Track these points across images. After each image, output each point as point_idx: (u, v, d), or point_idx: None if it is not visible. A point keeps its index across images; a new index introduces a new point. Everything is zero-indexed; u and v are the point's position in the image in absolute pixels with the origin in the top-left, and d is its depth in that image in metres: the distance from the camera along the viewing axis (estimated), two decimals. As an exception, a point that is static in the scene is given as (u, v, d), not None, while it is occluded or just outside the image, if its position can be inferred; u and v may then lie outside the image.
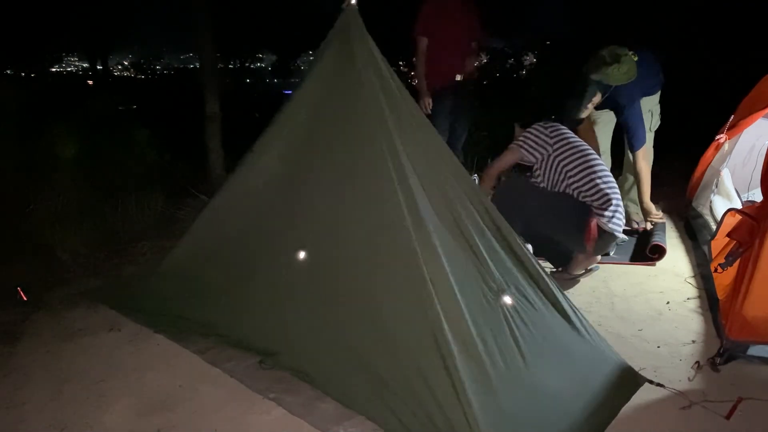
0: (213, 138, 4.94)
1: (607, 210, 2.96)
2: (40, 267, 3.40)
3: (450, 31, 4.11)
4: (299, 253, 2.29)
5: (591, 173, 2.98)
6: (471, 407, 1.73)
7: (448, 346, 1.82)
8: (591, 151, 3.08)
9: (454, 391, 1.77)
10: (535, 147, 3.08)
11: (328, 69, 2.37)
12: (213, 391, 2.18)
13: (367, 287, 2.11)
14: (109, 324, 2.72)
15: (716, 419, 1.97)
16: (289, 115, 2.49)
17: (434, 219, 2.07)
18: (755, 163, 3.86)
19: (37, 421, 2.06)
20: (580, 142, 3.11)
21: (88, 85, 17.83)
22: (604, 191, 2.96)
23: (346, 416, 1.98)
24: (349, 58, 2.24)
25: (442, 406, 1.79)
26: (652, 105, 3.72)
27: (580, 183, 2.99)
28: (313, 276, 2.26)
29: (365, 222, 2.15)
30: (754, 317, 2.27)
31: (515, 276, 2.20)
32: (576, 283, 3.15)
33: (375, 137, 2.13)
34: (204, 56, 5.19)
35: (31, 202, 3.99)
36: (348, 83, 2.25)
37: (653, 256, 3.40)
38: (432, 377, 1.84)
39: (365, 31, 2.25)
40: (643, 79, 3.49)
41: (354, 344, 2.08)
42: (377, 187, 2.10)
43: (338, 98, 2.31)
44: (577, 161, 3.00)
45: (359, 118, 2.20)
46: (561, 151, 3.03)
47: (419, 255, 1.95)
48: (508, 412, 1.82)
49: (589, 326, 2.29)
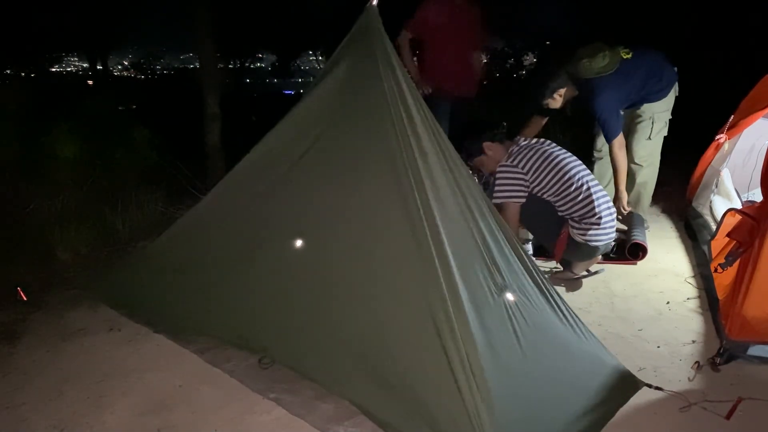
0: (213, 138, 4.95)
1: (582, 222, 2.95)
2: (40, 267, 3.40)
3: (449, 39, 4.10)
4: (300, 248, 2.29)
5: (566, 189, 2.93)
6: (474, 404, 1.72)
7: (450, 342, 1.82)
8: (565, 163, 2.96)
9: (456, 387, 1.76)
10: (519, 187, 2.99)
11: (347, 69, 2.34)
12: (213, 391, 2.18)
13: (370, 282, 2.10)
14: (109, 324, 2.72)
15: (716, 419, 1.97)
16: (301, 111, 2.46)
17: (445, 215, 2.05)
18: (755, 163, 3.86)
19: (37, 421, 2.06)
20: (550, 155, 2.98)
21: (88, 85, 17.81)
22: (582, 204, 2.93)
23: (346, 416, 1.98)
24: (369, 59, 2.22)
25: (444, 403, 1.78)
26: (654, 113, 3.61)
27: (558, 200, 2.99)
28: (316, 271, 2.25)
29: (371, 217, 2.13)
30: (754, 317, 2.27)
31: (518, 275, 2.19)
32: (577, 284, 3.15)
33: (388, 135, 2.11)
34: (204, 56, 5.19)
35: (31, 202, 3.99)
36: (366, 83, 2.23)
37: (635, 258, 3.38)
38: (433, 373, 1.83)
39: (384, 32, 2.23)
40: (630, 77, 3.44)
41: (355, 340, 2.07)
42: (386, 183, 2.08)
43: (355, 97, 2.29)
44: (550, 182, 2.95)
45: (374, 116, 2.18)
46: (533, 178, 2.97)
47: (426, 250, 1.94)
48: (508, 410, 1.81)
49: (586, 330, 2.29)
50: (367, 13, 2.24)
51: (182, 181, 4.53)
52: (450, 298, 1.86)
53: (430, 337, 1.86)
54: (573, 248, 3.04)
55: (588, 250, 3.01)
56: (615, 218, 3.07)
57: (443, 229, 1.97)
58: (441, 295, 1.87)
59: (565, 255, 3.11)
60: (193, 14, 4.91)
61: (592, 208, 2.92)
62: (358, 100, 2.28)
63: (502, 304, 2.04)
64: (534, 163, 2.97)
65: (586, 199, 2.92)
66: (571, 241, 3.02)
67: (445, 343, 1.82)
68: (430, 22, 4.08)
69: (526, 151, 3.00)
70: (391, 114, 2.11)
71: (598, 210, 2.92)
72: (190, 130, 5.53)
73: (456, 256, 1.95)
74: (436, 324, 1.86)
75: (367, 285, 2.10)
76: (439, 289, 1.88)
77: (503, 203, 3.00)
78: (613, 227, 3.05)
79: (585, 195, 2.92)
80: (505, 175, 3.01)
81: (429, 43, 4.18)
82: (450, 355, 1.80)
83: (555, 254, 3.13)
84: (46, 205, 4.00)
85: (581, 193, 2.92)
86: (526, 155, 2.99)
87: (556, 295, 2.27)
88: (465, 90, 4.31)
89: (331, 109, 2.36)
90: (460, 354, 1.79)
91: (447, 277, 1.89)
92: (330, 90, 2.39)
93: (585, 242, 2.97)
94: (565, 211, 3.00)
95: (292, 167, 2.41)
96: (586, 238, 2.95)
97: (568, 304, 2.29)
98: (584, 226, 2.95)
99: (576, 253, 3.07)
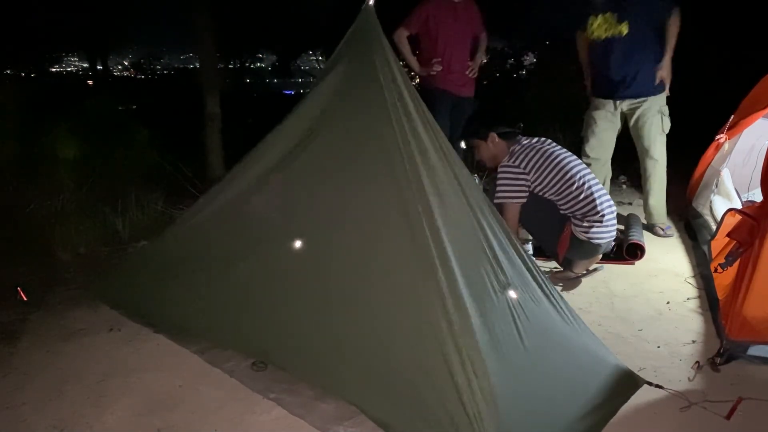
0: (213, 138, 4.95)
1: (584, 220, 2.96)
2: (40, 267, 3.40)
3: (449, 37, 4.10)
4: (300, 249, 2.28)
5: (568, 188, 2.96)
6: (475, 404, 1.72)
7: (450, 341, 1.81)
8: (566, 162, 2.98)
9: (456, 388, 1.76)
10: (520, 187, 3.00)
11: (345, 69, 2.34)
12: (213, 391, 2.18)
13: (369, 282, 2.09)
14: (109, 324, 2.72)
15: (716, 419, 1.97)
16: (301, 112, 2.46)
17: (447, 214, 2.05)
18: (755, 163, 3.86)
19: (37, 421, 2.06)
20: (551, 154, 3.00)
21: (88, 85, 17.82)
22: (584, 203, 2.95)
23: (346, 416, 1.98)
24: (367, 59, 2.22)
25: (445, 403, 1.78)
26: (661, 106, 3.66)
27: (559, 200, 3.01)
28: (316, 272, 2.24)
29: (371, 216, 2.13)
30: (754, 317, 2.27)
31: (520, 273, 2.19)
32: (576, 283, 3.15)
33: (387, 135, 2.11)
34: (204, 56, 5.19)
35: (31, 202, 3.99)
36: (364, 83, 2.23)
37: (633, 257, 3.39)
38: (434, 373, 1.83)
39: (381, 31, 2.23)
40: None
41: (355, 341, 2.06)
42: (386, 183, 2.08)
43: (353, 98, 2.29)
44: (551, 182, 2.97)
45: (373, 115, 2.17)
46: (535, 177, 2.99)
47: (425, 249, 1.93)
48: (510, 409, 1.81)
49: (586, 329, 2.29)
50: (365, 12, 2.24)
51: (182, 181, 4.52)
52: (450, 297, 1.86)
53: (431, 337, 1.86)
54: (576, 246, 3.05)
55: (591, 247, 3.03)
56: (616, 216, 3.08)
57: (443, 227, 1.96)
58: (441, 293, 1.87)
59: (568, 253, 3.11)
60: (193, 14, 4.91)
61: (594, 205, 2.94)
62: (357, 100, 2.27)
63: (505, 302, 2.04)
64: (536, 163, 2.98)
65: (588, 197, 2.94)
66: (573, 239, 3.03)
67: (444, 343, 1.82)
68: (429, 20, 4.08)
69: (528, 151, 3.02)
70: (390, 113, 2.11)
71: (600, 208, 2.94)
72: (190, 130, 5.53)
73: (457, 254, 1.95)
74: (437, 323, 1.85)
75: (366, 285, 2.09)
76: (439, 287, 1.87)
77: (504, 203, 3.01)
78: (615, 225, 3.07)
79: (587, 193, 2.94)
80: (506, 176, 3.02)
81: (428, 42, 4.18)
82: (450, 355, 1.80)
83: (558, 253, 3.13)
84: (46, 205, 4.00)
85: (583, 191, 2.94)
86: (528, 155, 3.00)
87: (556, 294, 2.27)
88: (464, 89, 4.31)
89: (330, 110, 2.36)
90: (461, 354, 1.78)
91: (447, 276, 1.89)
92: (329, 91, 2.38)
93: (588, 240, 2.98)
94: (568, 209, 3.01)
95: (292, 167, 2.40)
96: (588, 235, 2.96)
97: (568, 303, 2.29)
98: (587, 224, 2.96)
99: (579, 251, 3.08)
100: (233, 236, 2.54)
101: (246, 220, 2.53)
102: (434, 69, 4.11)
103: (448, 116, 4.25)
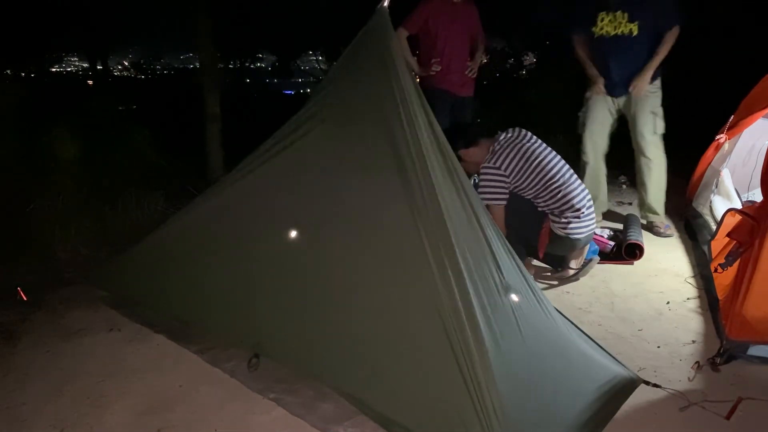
0: (213, 138, 4.95)
1: (562, 216, 2.98)
2: (40, 267, 3.40)
3: (448, 38, 4.10)
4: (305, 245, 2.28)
5: (546, 186, 2.97)
6: (483, 401, 1.72)
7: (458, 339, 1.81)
8: (544, 158, 2.98)
9: (464, 385, 1.76)
10: (500, 188, 3.01)
11: (357, 70, 2.33)
12: (213, 391, 2.18)
13: (375, 280, 2.09)
14: (109, 324, 2.72)
15: (716, 419, 1.97)
16: (308, 111, 2.45)
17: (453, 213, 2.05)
18: (755, 163, 3.86)
19: (37, 421, 2.06)
20: (528, 150, 2.99)
21: (88, 85, 17.81)
22: (562, 200, 2.96)
23: (346, 416, 1.98)
24: (380, 61, 2.21)
25: (453, 400, 1.78)
26: (654, 107, 3.69)
27: (537, 199, 3.03)
28: (321, 268, 2.23)
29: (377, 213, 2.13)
30: (754, 317, 2.28)
31: (515, 275, 2.20)
32: (576, 283, 3.15)
33: (395, 134, 2.11)
34: (204, 56, 5.19)
35: (31, 202, 3.98)
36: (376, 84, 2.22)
37: (632, 257, 3.39)
38: (441, 370, 1.83)
39: (393, 33, 2.23)
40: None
41: (360, 337, 2.06)
42: (393, 180, 2.08)
43: (363, 98, 2.28)
44: (531, 183, 2.98)
45: (382, 116, 2.17)
46: (514, 179, 3.00)
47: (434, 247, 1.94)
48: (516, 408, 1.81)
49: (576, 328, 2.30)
50: (378, 14, 2.23)
51: (182, 181, 4.52)
52: (459, 295, 1.86)
53: (438, 334, 1.86)
54: (555, 242, 3.08)
55: (570, 242, 3.05)
56: (593, 211, 3.09)
57: (451, 227, 1.97)
58: (450, 291, 1.87)
59: (549, 249, 3.14)
60: (193, 15, 4.91)
61: (572, 202, 2.96)
62: (367, 100, 2.27)
63: (508, 303, 2.05)
64: (516, 164, 2.98)
65: (566, 194, 2.96)
66: (553, 234, 3.06)
67: (452, 340, 1.82)
68: (429, 20, 4.08)
69: (508, 150, 3.00)
70: (401, 115, 2.11)
71: (577, 203, 2.96)
72: (190, 130, 5.52)
73: (464, 253, 1.96)
74: (444, 320, 1.85)
75: (372, 282, 2.10)
76: (448, 286, 1.88)
77: (487, 205, 3.01)
78: (593, 219, 3.08)
79: (565, 191, 2.96)
80: (488, 178, 3.03)
81: (427, 42, 4.18)
82: (458, 353, 1.80)
83: (538, 248, 3.14)
84: (46, 205, 3.99)
85: (561, 189, 2.96)
86: (509, 155, 2.99)
87: (542, 295, 2.28)
88: (464, 89, 4.31)
89: (338, 109, 2.36)
90: (469, 351, 1.79)
91: (456, 274, 1.89)
92: (338, 90, 2.39)
93: (566, 236, 3.01)
94: (546, 206, 3.04)
95: (297, 165, 2.40)
96: (567, 231, 2.99)
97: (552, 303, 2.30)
98: (564, 220, 2.98)
99: (559, 247, 3.11)
100: (235, 233, 2.53)
101: (249, 217, 2.52)
102: (434, 69, 4.12)
103: (447, 116, 4.25)
